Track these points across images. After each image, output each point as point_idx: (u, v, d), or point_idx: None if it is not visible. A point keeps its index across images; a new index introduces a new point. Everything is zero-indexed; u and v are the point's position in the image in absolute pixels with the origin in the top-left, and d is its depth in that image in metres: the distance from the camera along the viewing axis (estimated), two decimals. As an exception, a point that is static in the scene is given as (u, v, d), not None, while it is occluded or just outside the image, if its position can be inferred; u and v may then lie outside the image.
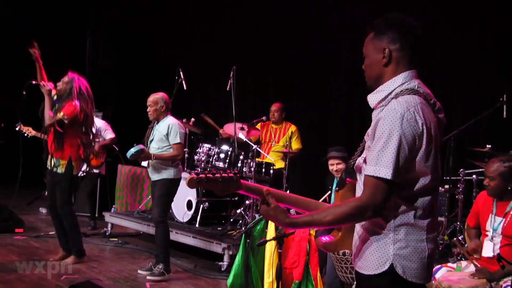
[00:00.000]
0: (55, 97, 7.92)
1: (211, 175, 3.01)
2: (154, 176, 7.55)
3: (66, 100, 7.81)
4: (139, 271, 7.60)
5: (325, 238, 3.33)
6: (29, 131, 9.29)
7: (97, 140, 9.25)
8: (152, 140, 7.61)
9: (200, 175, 2.99)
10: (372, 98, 3.07)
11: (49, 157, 7.90)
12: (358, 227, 3.09)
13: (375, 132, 2.89)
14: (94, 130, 8.28)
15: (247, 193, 3.12)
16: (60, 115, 7.68)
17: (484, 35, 8.82)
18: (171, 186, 7.61)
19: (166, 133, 7.48)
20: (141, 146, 7.36)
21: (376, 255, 2.95)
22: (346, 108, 10.72)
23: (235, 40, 12.01)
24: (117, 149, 10.81)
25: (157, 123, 7.64)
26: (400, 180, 2.82)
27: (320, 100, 11.11)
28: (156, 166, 7.50)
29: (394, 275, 2.89)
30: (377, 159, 2.82)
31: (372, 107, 3.11)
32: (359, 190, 3.08)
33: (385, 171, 2.78)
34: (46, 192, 8.29)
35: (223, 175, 3.03)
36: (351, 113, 10.63)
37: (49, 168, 7.94)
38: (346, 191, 3.21)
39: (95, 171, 10.26)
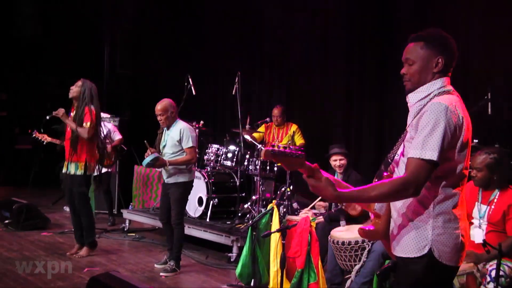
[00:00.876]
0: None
1: (283, 150, 3.04)
2: (169, 180, 7.46)
3: (82, 109, 7.83)
4: (155, 265, 7.59)
5: (368, 228, 3.42)
6: (45, 138, 9.37)
7: (107, 141, 9.29)
8: (164, 145, 7.50)
9: (275, 149, 3.03)
10: (413, 97, 3.23)
11: (66, 162, 7.96)
12: (396, 215, 3.21)
13: (418, 122, 3.04)
14: (105, 132, 8.37)
15: (304, 171, 3.09)
16: (86, 125, 7.74)
17: (468, 34, 8.81)
18: (186, 189, 7.56)
19: (178, 138, 7.38)
20: (156, 154, 7.26)
21: (416, 240, 3.07)
22: (345, 107, 10.69)
23: (239, 47, 12.02)
24: (126, 148, 10.84)
25: (167, 129, 7.53)
26: (443, 166, 2.94)
27: (319, 100, 11.07)
28: (171, 171, 7.43)
29: (431, 258, 3.03)
30: (423, 144, 2.95)
31: (411, 104, 3.24)
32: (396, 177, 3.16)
33: (431, 153, 2.92)
34: (65, 192, 8.30)
35: (293, 151, 3.05)
36: (349, 112, 10.60)
37: (65, 171, 8.00)
38: None
39: (108, 170, 10.27)
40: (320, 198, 7.37)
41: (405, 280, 3.15)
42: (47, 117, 7.94)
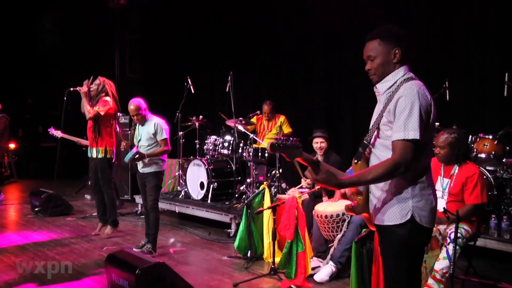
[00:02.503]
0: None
1: (285, 143, 3.04)
2: (145, 169, 7.30)
3: (99, 97, 7.95)
4: (134, 249, 7.14)
5: (352, 204, 3.44)
6: (58, 134, 9.37)
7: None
8: (140, 139, 7.33)
9: (278, 142, 3.04)
10: (382, 87, 3.25)
11: (89, 148, 8.06)
12: (376, 190, 3.23)
13: (396, 107, 3.05)
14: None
15: (303, 161, 3.11)
16: (96, 108, 7.81)
17: (429, 30, 8.82)
18: (160, 177, 7.42)
19: (153, 132, 7.21)
20: (135, 150, 7.19)
21: (400, 209, 3.11)
22: (325, 98, 10.71)
23: (232, 50, 12.01)
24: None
25: (142, 125, 7.36)
26: (421, 144, 2.98)
27: (303, 93, 11.09)
28: (146, 161, 7.28)
29: (413, 222, 3.08)
30: (405, 126, 2.97)
31: (381, 93, 3.25)
32: (375, 160, 3.22)
33: (413, 134, 2.95)
34: (90, 175, 8.31)
35: (293, 143, 3.06)
36: (329, 103, 10.62)
37: (90, 156, 8.08)
38: (363, 162, 3.27)
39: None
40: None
41: (390, 245, 3.17)
42: (71, 89, 7.97)
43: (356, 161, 3.32)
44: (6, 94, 13.69)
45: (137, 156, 7.13)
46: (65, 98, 7.95)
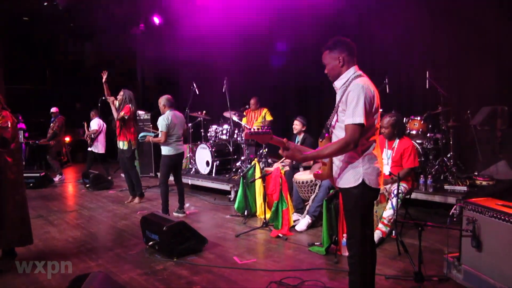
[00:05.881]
0: (117, 105, 8.09)
1: (257, 131, 3.09)
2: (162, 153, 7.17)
3: (124, 105, 7.94)
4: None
5: (317, 172, 3.44)
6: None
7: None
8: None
9: (251, 130, 3.08)
10: (338, 83, 3.23)
11: (118, 141, 8.08)
12: (337, 161, 3.23)
13: (347, 99, 3.03)
14: None
15: (274, 143, 3.15)
16: (121, 114, 7.85)
17: (370, 41, 8.84)
18: (164, 160, 7.04)
19: (158, 123, 7.06)
20: (145, 133, 7.20)
21: (353, 175, 3.12)
22: (299, 94, 10.71)
23: (225, 61, 11.96)
24: None
25: None
26: (366, 125, 2.99)
27: (282, 90, 11.08)
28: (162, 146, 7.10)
29: (364, 185, 3.09)
30: (353, 113, 2.98)
31: (338, 88, 3.22)
32: (334, 138, 3.19)
33: (359, 119, 2.96)
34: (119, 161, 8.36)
35: (262, 130, 3.09)
36: (303, 97, 10.61)
37: (119, 147, 8.12)
38: (326, 140, 3.25)
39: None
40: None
41: (348, 201, 3.18)
42: (103, 98, 8.07)
43: (320, 139, 3.33)
44: (61, 100, 13.60)
45: (141, 136, 7.20)
46: (99, 104, 7.98)
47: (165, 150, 7.04)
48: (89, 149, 11.29)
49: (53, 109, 12.10)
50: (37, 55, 16.13)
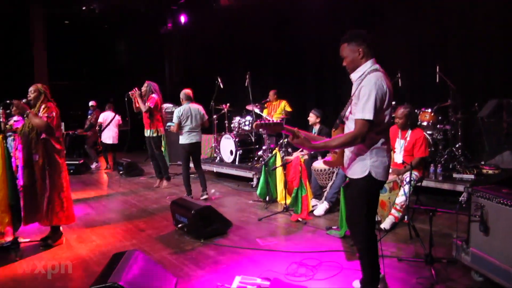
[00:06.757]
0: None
1: (267, 122, 3.05)
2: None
3: (148, 96, 8.03)
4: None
5: (328, 159, 3.41)
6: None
7: None
8: None
9: (262, 122, 3.04)
10: (354, 76, 3.11)
11: (146, 130, 8.17)
12: (348, 152, 3.17)
13: (359, 94, 2.94)
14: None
15: (286, 132, 3.07)
16: (147, 104, 7.93)
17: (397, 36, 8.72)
18: (181, 150, 7.29)
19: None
20: (170, 123, 7.31)
21: (361, 167, 3.06)
22: (316, 87, 10.63)
23: (247, 57, 11.94)
24: None
25: None
26: (376, 121, 2.90)
27: (299, 84, 11.00)
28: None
29: (370, 177, 3.02)
30: (363, 108, 2.89)
31: (354, 80, 3.11)
32: (347, 129, 3.13)
33: (369, 115, 2.87)
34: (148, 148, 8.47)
35: (272, 121, 3.06)
36: (319, 89, 10.54)
37: (146, 135, 8.19)
38: (339, 131, 3.22)
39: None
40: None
41: (355, 191, 3.14)
42: (130, 92, 8.03)
43: (334, 129, 3.29)
44: (96, 95, 13.77)
45: (167, 126, 7.41)
46: (125, 99, 8.05)
47: (180, 140, 7.31)
48: (100, 140, 11.50)
49: (92, 103, 12.28)
50: (75, 54, 16.39)
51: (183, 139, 7.24)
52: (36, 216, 4.93)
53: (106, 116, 11.43)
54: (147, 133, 8.15)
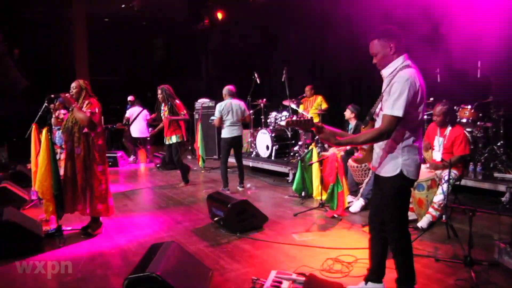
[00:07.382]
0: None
1: (298, 119, 3.02)
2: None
3: (172, 102, 7.79)
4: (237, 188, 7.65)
5: (357, 154, 3.37)
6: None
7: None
8: None
9: (292, 119, 3.01)
10: (385, 72, 3.06)
11: (170, 137, 7.89)
12: (378, 150, 3.13)
13: (390, 90, 2.89)
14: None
15: (312, 128, 3.02)
16: (182, 113, 7.82)
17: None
18: (221, 141, 7.44)
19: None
20: (213, 117, 7.46)
21: (392, 165, 3.01)
22: (350, 84, 10.52)
23: (286, 51, 11.92)
24: None
25: None
26: (406, 118, 2.85)
27: (335, 80, 10.90)
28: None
29: (402, 175, 2.98)
30: (393, 105, 2.84)
31: (385, 77, 3.06)
32: (376, 126, 3.09)
33: (398, 112, 2.82)
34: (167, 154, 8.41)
35: (303, 119, 3.02)
36: (354, 86, 10.43)
37: (166, 142, 7.97)
38: (369, 127, 3.20)
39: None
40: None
41: (387, 189, 3.07)
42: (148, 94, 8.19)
43: (363, 126, 3.27)
44: (134, 90, 14.01)
45: (210, 120, 7.56)
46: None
47: (222, 133, 7.45)
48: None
49: (130, 97, 12.52)
50: (114, 51, 16.72)
51: (225, 133, 7.40)
52: (76, 207, 5.10)
53: (132, 111, 11.68)
54: (172, 139, 7.92)
